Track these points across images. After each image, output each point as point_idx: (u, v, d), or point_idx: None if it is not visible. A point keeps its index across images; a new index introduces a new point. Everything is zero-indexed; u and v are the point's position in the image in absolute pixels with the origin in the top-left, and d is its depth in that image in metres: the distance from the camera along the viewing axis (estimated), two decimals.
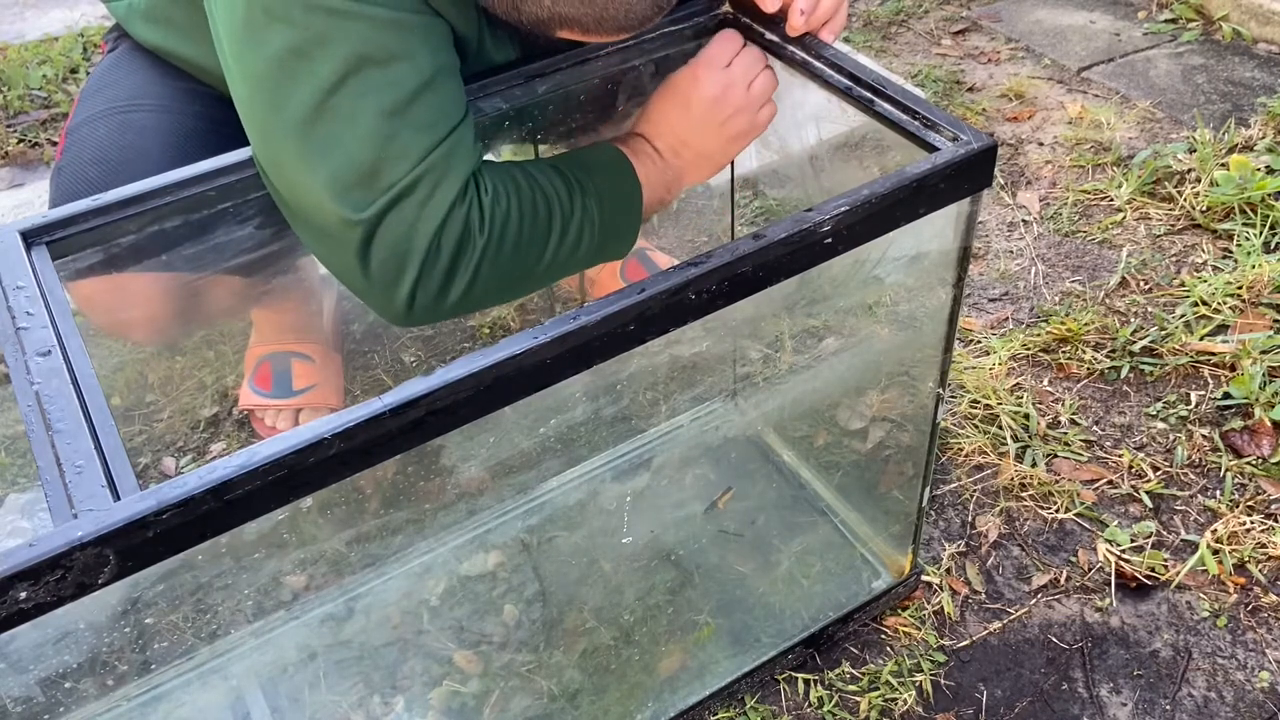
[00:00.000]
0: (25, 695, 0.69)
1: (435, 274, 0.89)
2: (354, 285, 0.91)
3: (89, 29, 2.52)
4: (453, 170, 0.88)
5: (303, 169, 0.86)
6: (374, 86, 0.85)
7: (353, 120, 0.85)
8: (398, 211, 0.86)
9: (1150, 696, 1.17)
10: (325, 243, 0.90)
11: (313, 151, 0.85)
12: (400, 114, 0.86)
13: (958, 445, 1.44)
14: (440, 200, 0.87)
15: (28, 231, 0.83)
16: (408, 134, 0.86)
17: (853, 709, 1.17)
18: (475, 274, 0.90)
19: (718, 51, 1.00)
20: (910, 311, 1.15)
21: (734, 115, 1.01)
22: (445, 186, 0.87)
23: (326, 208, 0.86)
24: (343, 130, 0.85)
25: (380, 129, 0.85)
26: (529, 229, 0.92)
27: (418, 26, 0.88)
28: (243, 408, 1.50)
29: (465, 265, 0.90)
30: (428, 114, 0.87)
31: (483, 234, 0.89)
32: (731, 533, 1.29)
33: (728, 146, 1.03)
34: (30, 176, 2.07)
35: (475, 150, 0.91)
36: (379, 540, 1.10)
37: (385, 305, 0.91)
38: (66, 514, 0.62)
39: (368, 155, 0.85)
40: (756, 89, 1.02)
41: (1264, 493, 1.36)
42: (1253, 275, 1.63)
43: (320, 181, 0.86)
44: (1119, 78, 2.21)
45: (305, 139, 0.85)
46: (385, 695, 1.14)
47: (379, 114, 0.85)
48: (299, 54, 0.84)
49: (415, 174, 0.86)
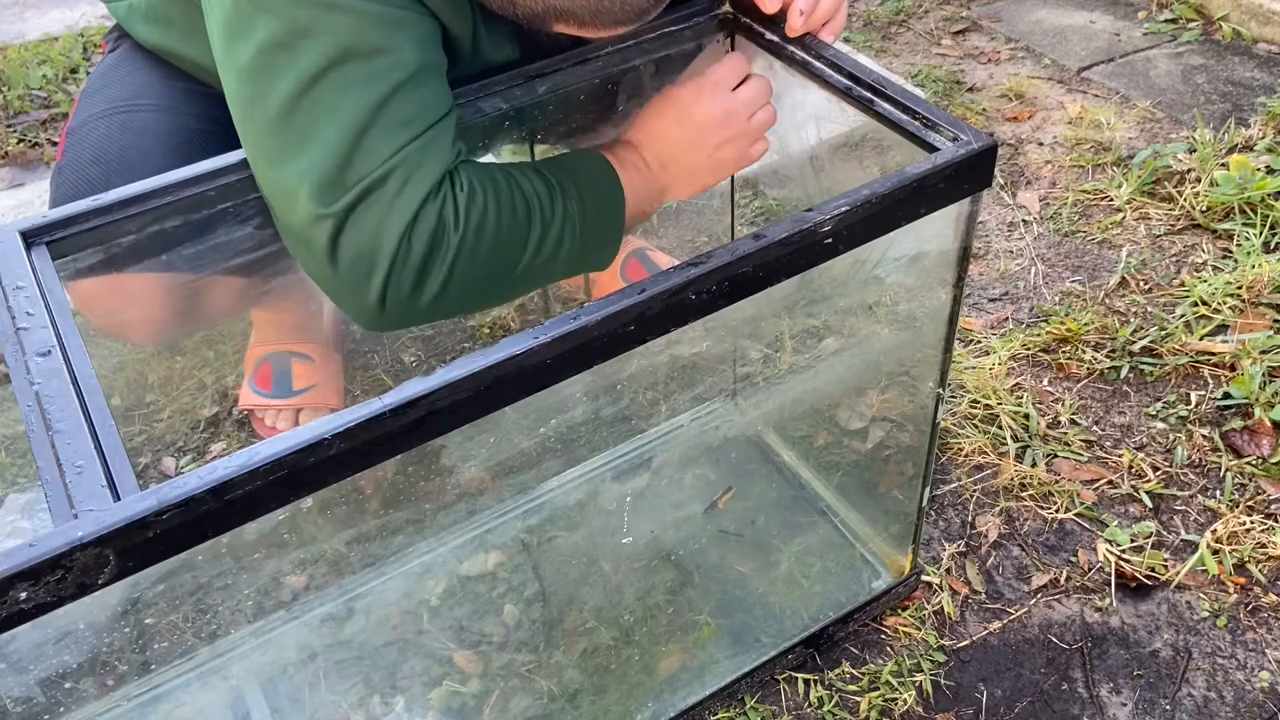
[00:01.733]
0: (25, 695, 0.69)
1: (407, 272, 0.86)
2: (324, 284, 0.89)
3: (89, 29, 2.52)
4: (426, 165, 0.86)
5: (278, 162, 0.85)
6: (356, 80, 0.84)
7: (331, 113, 0.84)
8: (367, 206, 0.85)
9: (1150, 696, 1.17)
10: (297, 240, 0.88)
11: (288, 144, 0.84)
12: (379, 109, 0.84)
13: (958, 445, 1.44)
14: (411, 195, 0.85)
15: (28, 231, 0.83)
16: (384, 129, 0.85)
17: (853, 709, 1.17)
18: (450, 273, 0.88)
19: (726, 74, 0.99)
20: (910, 311, 1.15)
21: (729, 142, 1.00)
22: (417, 181, 0.85)
23: (298, 203, 0.85)
24: (320, 122, 0.84)
25: (357, 122, 0.84)
26: (507, 229, 0.90)
27: (404, 22, 0.87)
28: (243, 408, 1.50)
29: (439, 263, 0.87)
30: (407, 110, 0.86)
31: (457, 230, 0.87)
32: (731, 533, 1.29)
33: (716, 170, 1.02)
34: (30, 176, 2.07)
35: (453, 149, 0.90)
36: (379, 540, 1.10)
37: (356, 305, 0.89)
38: (66, 514, 0.62)
39: (342, 149, 0.84)
40: (757, 120, 1.01)
41: (1264, 493, 1.36)
42: (1253, 275, 1.63)
43: (294, 175, 0.84)
44: (1119, 78, 2.21)
45: (282, 131, 0.84)
46: (385, 695, 1.14)
47: (358, 108, 0.84)
48: (282, 45, 0.83)
49: (386, 168, 0.84)
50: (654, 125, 1.01)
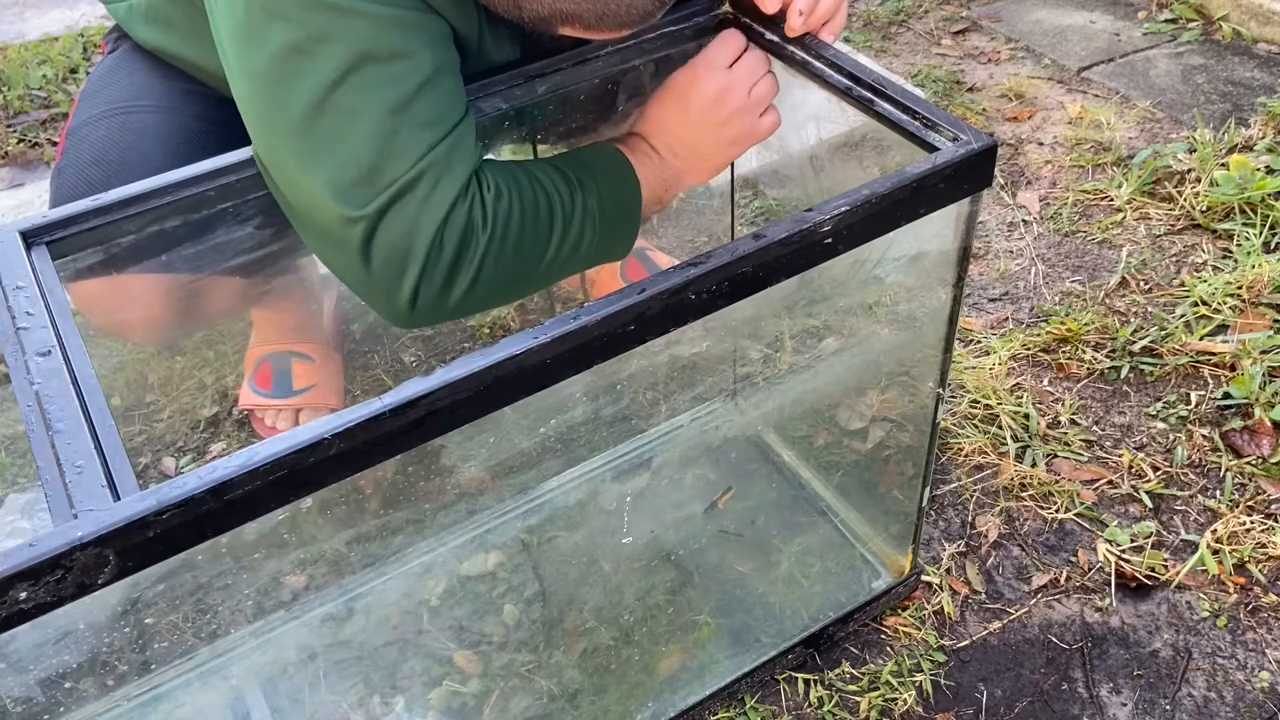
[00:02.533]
0: (25, 695, 0.69)
1: (438, 271, 0.88)
2: (356, 285, 0.91)
3: (89, 29, 2.52)
4: (455, 167, 0.87)
5: (304, 167, 0.86)
6: (376, 83, 0.85)
7: (354, 117, 0.84)
8: (399, 208, 0.86)
9: (1150, 696, 1.17)
10: (326, 242, 0.89)
11: (314, 149, 0.85)
12: (402, 111, 0.85)
13: (958, 445, 1.44)
14: (442, 196, 0.86)
15: (28, 231, 0.83)
16: (409, 131, 0.86)
17: (853, 709, 1.17)
18: (479, 272, 0.89)
19: (719, 52, 1.00)
20: (910, 311, 1.15)
21: (733, 117, 1.00)
22: (447, 183, 0.87)
23: (327, 206, 0.86)
24: (344, 127, 0.85)
25: (382, 126, 0.85)
26: (531, 227, 0.92)
27: (418, 24, 0.87)
28: (243, 408, 1.50)
29: (469, 262, 0.89)
30: (430, 111, 0.87)
31: (485, 231, 0.89)
32: (731, 533, 1.29)
33: (726, 149, 1.03)
34: (30, 176, 2.07)
35: (477, 147, 0.91)
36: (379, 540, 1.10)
37: (388, 304, 0.90)
38: (66, 514, 0.62)
39: (369, 152, 0.85)
40: (757, 92, 1.01)
41: (1264, 493, 1.36)
42: (1253, 275, 1.63)
43: (321, 179, 0.85)
44: (1119, 78, 2.21)
45: (306, 136, 0.85)
46: (385, 695, 1.14)
47: (381, 111, 0.85)
48: (300, 51, 0.83)
49: (417, 170, 0.86)
50: (658, 114, 1.02)
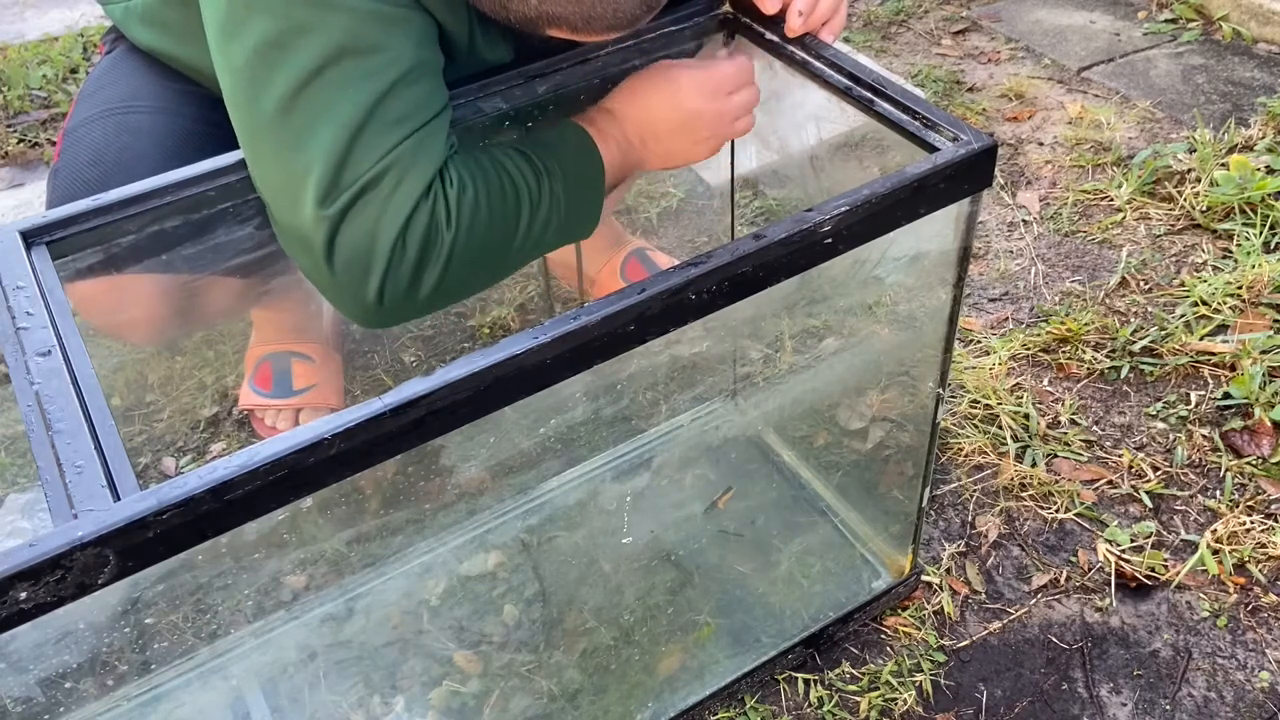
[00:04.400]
0: (25, 695, 0.69)
1: (403, 271, 0.87)
2: (321, 284, 0.90)
3: (89, 29, 2.52)
4: (419, 164, 0.86)
5: (276, 161, 0.85)
6: (353, 77, 0.84)
7: (328, 111, 0.84)
8: (361, 206, 0.85)
9: (1150, 696, 1.17)
10: (296, 239, 0.88)
11: (287, 143, 0.84)
12: (375, 107, 0.84)
13: (958, 445, 1.44)
14: (405, 195, 0.85)
15: (28, 231, 0.83)
16: (379, 127, 0.85)
17: (853, 709, 1.17)
18: (445, 268, 0.89)
19: (731, 74, 1.01)
20: (910, 311, 1.15)
21: (711, 138, 1.03)
22: (411, 179, 0.86)
23: (299, 203, 0.85)
24: (318, 121, 0.84)
25: (355, 120, 0.84)
26: (498, 217, 0.91)
27: (400, 19, 0.87)
28: (243, 408, 1.50)
29: (434, 261, 0.88)
30: (403, 107, 0.86)
31: (450, 229, 0.88)
32: (731, 533, 1.29)
33: (690, 157, 1.05)
34: (30, 176, 2.07)
35: (445, 145, 0.90)
36: (379, 540, 1.10)
37: (353, 304, 0.89)
38: (66, 514, 0.62)
39: (340, 148, 0.84)
40: (738, 127, 1.04)
41: (1264, 493, 1.36)
42: (1253, 275, 1.63)
43: (293, 174, 0.84)
44: (1119, 78, 2.21)
45: (280, 130, 0.84)
46: (385, 695, 1.14)
47: (355, 106, 0.84)
48: (277, 44, 0.83)
49: (380, 167, 0.85)
50: (642, 100, 1.01)
